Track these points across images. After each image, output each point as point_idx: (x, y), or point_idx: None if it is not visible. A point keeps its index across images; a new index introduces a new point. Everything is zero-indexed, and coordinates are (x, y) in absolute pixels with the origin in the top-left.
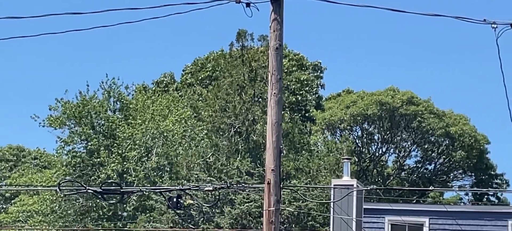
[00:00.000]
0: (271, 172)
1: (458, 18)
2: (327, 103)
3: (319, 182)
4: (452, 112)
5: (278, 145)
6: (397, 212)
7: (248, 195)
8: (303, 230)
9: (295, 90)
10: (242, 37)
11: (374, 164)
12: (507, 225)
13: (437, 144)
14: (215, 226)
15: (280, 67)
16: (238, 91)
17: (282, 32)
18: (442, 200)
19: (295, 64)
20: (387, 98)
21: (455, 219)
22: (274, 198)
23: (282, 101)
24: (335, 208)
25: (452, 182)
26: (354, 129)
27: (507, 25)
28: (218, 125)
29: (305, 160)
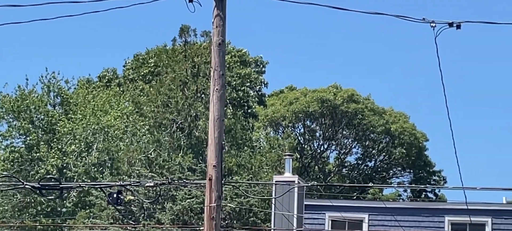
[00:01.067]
0: (212, 168)
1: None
2: (270, 99)
3: (260, 178)
4: (392, 110)
5: (220, 141)
6: (337, 208)
7: (189, 191)
8: (244, 226)
9: (237, 86)
10: (185, 32)
11: (315, 160)
12: (443, 221)
13: (377, 141)
14: (156, 222)
15: (223, 63)
16: (180, 87)
17: (224, 28)
18: (381, 196)
19: (237, 60)
20: (329, 95)
21: (393, 215)
22: (216, 194)
23: (225, 97)
24: (277, 204)
25: (392, 179)
26: (296, 126)
27: (445, 24)
28: (160, 120)
29: (247, 156)
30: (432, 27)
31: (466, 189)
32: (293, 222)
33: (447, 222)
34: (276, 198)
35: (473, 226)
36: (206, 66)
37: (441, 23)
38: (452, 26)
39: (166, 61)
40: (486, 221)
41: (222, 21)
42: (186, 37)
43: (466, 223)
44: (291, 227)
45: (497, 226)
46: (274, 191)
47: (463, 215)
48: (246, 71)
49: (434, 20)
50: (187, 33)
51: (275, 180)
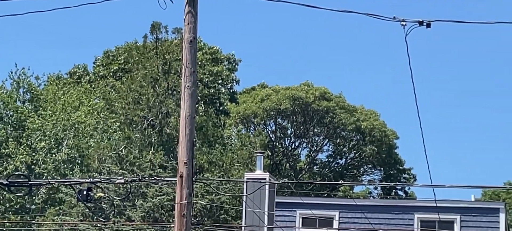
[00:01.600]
0: (183, 165)
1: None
2: (242, 97)
3: (232, 176)
4: (363, 108)
5: (191, 138)
6: (308, 205)
7: (160, 188)
8: (215, 223)
9: (209, 84)
10: (156, 29)
11: (287, 158)
12: (413, 218)
13: (348, 139)
14: (127, 220)
15: (194, 60)
16: (151, 84)
17: (196, 25)
18: (352, 194)
19: (209, 57)
20: (301, 93)
21: (364, 213)
22: (187, 191)
23: (196, 94)
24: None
25: (362, 176)
26: (267, 123)
27: (416, 22)
28: (131, 117)
29: (218, 153)
30: (402, 26)
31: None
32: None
33: (417, 219)
34: (247, 195)
35: (442, 223)
36: (178, 63)
37: (412, 22)
38: (422, 25)
39: (137, 58)
40: (455, 218)
41: (194, 18)
42: (158, 34)
43: (435, 220)
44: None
45: (465, 223)
46: (245, 188)
47: (432, 212)
48: (218, 69)
49: (405, 19)
50: (158, 30)
51: (246, 177)
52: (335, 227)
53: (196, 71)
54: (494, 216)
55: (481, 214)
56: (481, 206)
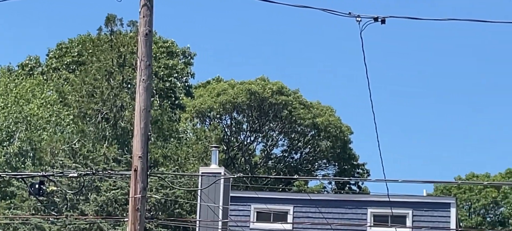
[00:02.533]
0: (138, 159)
1: (325, 11)
2: (197, 91)
3: (187, 170)
4: (319, 104)
5: (146, 132)
6: (263, 200)
7: (114, 182)
8: (169, 217)
9: (164, 77)
10: (111, 22)
11: (242, 152)
12: (366, 213)
13: (303, 134)
14: (80, 214)
15: (150, 54)
16: (106, 77)
17: (152, 18)
18: (306, 188)
19: (164, 50)
20: (257, 88)
21: (318, 207)
22: (141, 185)
23: (151, 88)
24: (202, 196)
25: (317, 171)
26: (223, 118)
27: (371, 18)
28: (85, 110)
29: (173, 147)
30: (357, 22)
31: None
32: (218, 213)
33: (370, 214)
34: (202, 189)
35: (395, 218)
36: (133, 57)
37: (367, 18)
38: (377, 21)
39: (91, 50)
40: (407, 213)
41: (149, 11)
42: (113, 26)
43: (388, 215)
44: (217, 219)
45: (417, 217)
46: (200, 183)
47: (385, 207)
48: (173, 62)
49: (360, 15)
50: (113, 22)
51: (201, 171)
52: (289, 221)
53: (152, 65)
54: (445, 210)
55: (433, 209)
56: (432, 201)
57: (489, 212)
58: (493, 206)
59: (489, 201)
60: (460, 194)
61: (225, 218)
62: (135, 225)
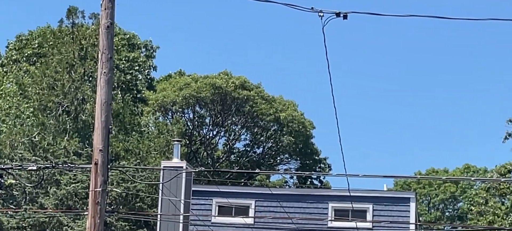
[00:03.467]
0: (99, 152)
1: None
2: (160, 84)
3: (148, 164)
4: (282, 98)
5: (107, 125)
6: (224, 194)
7: (75, 176)
8: (130, 211)
9: (126, 70)
10: (73, 14)
11: (204, 146)
12: (327, 207)
13: (266, 128)
14: (39, 207)
15: (111, 46)
16: (67, 69)
17: (113, 11)
18: (268, 183)
19: (126, 43)
20: (221, 82)
21: (279, 202)
22: (102, 179)
23: (113, 81)
24: (164, 190)
25: (279, 166)
26: (186, 111)
27: (333, 14)
28: (45, 103)
29: (135, 141)
30: (320, 17)
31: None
32: (180, 207)
33: (331, 208)
34: (163, 183)
35: (355, 212)
36: (94, 49)
37: (329, 13)
38: (340, 16)
39: (52, 42)
40: (367, 207)
41: (111, 3)
42: (74, 19)
43: (348, 209)
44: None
45: (377, 212)
46: (162, 177)
47: (346, 201)
48: (135, 55)
49: (322, 10)
50: (74, 14)
51: (163, 165)
52: (251, 215)
53: (113, 58)
54: (405, 205)
55: (393, 203)
56: (392, 196)
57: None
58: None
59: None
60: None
61: (187, 212)
62: (95, 218)
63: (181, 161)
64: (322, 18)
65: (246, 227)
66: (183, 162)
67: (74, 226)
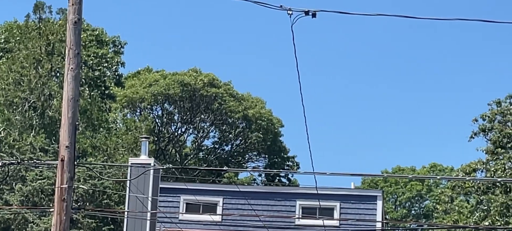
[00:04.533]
0: (65, 149)
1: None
2: (128, 81)
3: (116, 160)
4: (250, 96)
5: (74, 121)
6: (192, 191)
7: (41, 172)
8: (97, 208)
9: (93, 66)
10: (40, 9)
11: (173, 143)
12: (295, 205)
13: (234, 126)
14: (4, 204)
15: (79, 42)
16: (34, 64)
17: (81, 6)
18: (236, 180)
19: (94, 39)
20: (189, 79)
21: (247, 199)
22: (68, 175)
23: (80, 76)
24: (131, 187)
25: (247, 163)
26: (154, 108)
27: (302, 12)
28: (11, 98)
29: (102, 137)
30: (289, 15)
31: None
32: (147, 205)
33: (298, 206)
34: (131, 180)
35: (323, 210)
36: (62, 45)
37: (298, 11)
38: (308, 15)
39: (18, 37)
40: (335, 205)
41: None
42: (41, 14)
43: (316, 207)
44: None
45: (345, 210)
46: (129, 173)
47: (313, 199)
48: (102, 51)
49: (291, 8)
50: (42, 9)
51: (131, 162)
52: (218, 213)
53: (80, 53)
54: (371, 203)
55: (360, 201)
56: (359, 194)
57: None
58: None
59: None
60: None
61: (154, 209)
62: (61, 215)
63: (149, 158)
64: (291, 17)
65: (214, 225)
66: (151, 159)
67: (39, 223)
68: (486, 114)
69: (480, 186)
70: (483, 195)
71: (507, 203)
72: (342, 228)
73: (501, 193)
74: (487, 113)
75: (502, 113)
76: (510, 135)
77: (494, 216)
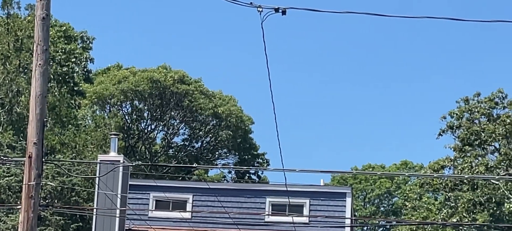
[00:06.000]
0: (33, 145)
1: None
2: (98, 77)
3: (85, 157)
4: (221, 93)
5: (42, 118)
6: (162, 188)
7: (8, 169)
8: (66, 205)
9: (62, 62)
10: (8, 4)
11: (142, 140)
12: (265, 202)
13: (204, 123)
14: None
15: (47, 38)
16: (2, 60)
17: (49, 2)
18: (206, 177)
19: (62, 35)
20: (159, 75)
21: (217, 196)
22: (36, 172)
23: (48, 73)
24: (101, 184)
25: (217, 160)
26: (124, 105)
27: (272, 9)
28: None
29: (71, 134)
30: (259, 12)
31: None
32: (116, 202)
33: (268, 203)
34: (100, 177)
35: (292, 207)
36: (30, 41)
37: (268, 8)
38: (278, 12)
39: None
40: (304, 202)
41: None
42: (9, 9)
43: (286, 204)
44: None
45: (314, 207)
46: (98, 170)
47: (283, 196)
48: (71, 47)
49: (261, 5)
50: (10, 5)
51: (100, 159)
52: (188, 210)
53: (49, 49)
54: (341, 200)
55: (329, 198)
56: (329, 191)
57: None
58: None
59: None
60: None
61: (123, 206)
62: (28, 212)
63: (118, 154)
64: (261, 13)
65: (184, 222)
66: (120, 156)
67: (6, 220)
68: (454, 112)
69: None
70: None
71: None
72: (312, 225)
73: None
74: (455, 110)
75: (470, 111)
76: (478, 132)
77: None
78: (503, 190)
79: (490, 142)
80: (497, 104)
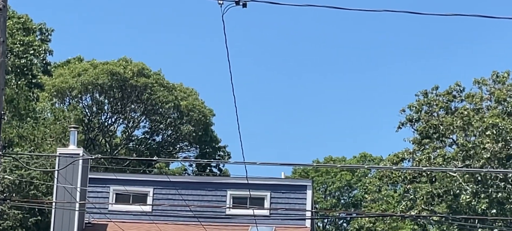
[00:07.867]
0: None
1: None
2: (57, 70)
3: (44, 150)
4: (182, 86)
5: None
6: (122, 181)
7: None
8: (24, 199)
9: (20, 54)
10: None
11: (103, 133)
12: (226, 195)
13: (165, 116)
14: None
15: (4, 30)
16: None
17: None
18: (167, 170)
19: (20, 26)
20: (119, 68)
21: (178, 189)
22: None
23: (5, 65)
24: (60, 177)
25: (178, 154)
26: (84, 98)
27: (232, 2)
28: None
29: (30, 127)
30: (220, 4)
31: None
32: (76, 195)
33: (229, 195)
34: (59, 170)
35: (253, 200)
36: None
37: (228, 1)
38: (239, 4)
39: None
40: (265, 195)
41: None
42: None
43: (247, 196)
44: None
45: (275, 199)
46: (58, 164)
47: (244, 189)
48: (29, 39)
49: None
50: None
51: (59, 152)
52: (148, 203)
53: (6, 41)
54: (301, 192)
55: (290, 191)
56: (290, 183)
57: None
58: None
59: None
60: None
61: (83, 199)
62: None
63: (78, 148)
64: (222, 6)
65: (144, 215)
66: (80, 149)
67: None
68: (413, 105)
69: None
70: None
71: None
72: (272, 217)
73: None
74: (414, 104)
75: (428, 104)
76: (436, 125)
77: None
78: (460, 182)
79: (448, 134)
80: (455, 97)
